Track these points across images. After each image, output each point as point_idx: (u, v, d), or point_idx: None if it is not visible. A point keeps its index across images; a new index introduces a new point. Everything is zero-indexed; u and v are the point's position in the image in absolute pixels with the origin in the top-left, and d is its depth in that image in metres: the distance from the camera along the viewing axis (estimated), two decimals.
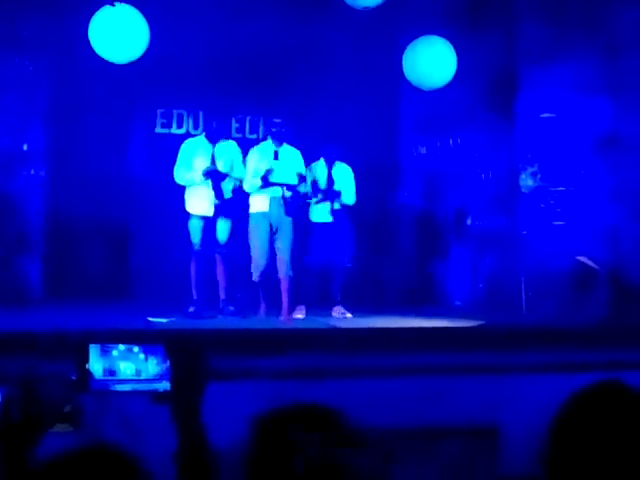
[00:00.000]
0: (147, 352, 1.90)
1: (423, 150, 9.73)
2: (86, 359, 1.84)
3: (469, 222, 9.11)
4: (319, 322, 6.96)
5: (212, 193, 7.11)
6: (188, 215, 7.24)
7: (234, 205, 7.31)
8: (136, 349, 1.89)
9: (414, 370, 5.29)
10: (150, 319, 6.45)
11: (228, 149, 7.37)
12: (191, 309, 7.06)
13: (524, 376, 5.36)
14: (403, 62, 7.82)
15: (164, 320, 6.50)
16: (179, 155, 7.34)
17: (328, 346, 5.62)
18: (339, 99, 9.14)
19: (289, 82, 8.99)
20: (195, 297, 7.13)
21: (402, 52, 7.87)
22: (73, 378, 3.11)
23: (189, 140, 7.54)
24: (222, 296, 7.23)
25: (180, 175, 7.25)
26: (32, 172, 8.47)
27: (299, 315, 7.26)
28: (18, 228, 8.44)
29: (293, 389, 4.82)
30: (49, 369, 4.18)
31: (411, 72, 7.82)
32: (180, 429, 1.81)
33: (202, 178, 7.10)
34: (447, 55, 7.72)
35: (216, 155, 7.21)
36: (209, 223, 7.19)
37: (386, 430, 4.47)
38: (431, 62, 7.66)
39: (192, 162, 7.27)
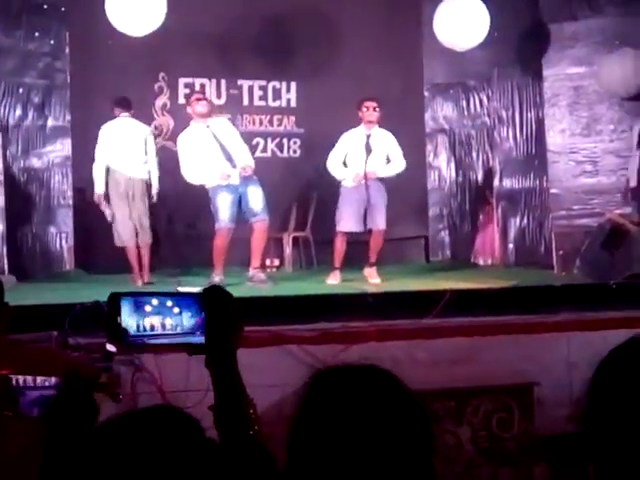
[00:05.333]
0: (181, 305, 1.89)
1: (449, 110, 9.62)
2: (118, 312, 1.82)
3: (497, 182, 9.02)
4: (351, 287, 6.92)
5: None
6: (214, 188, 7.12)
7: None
8: (170, 303, 1.87)
9: (447, 331, 5.27)
10: (179, 289, 6.42)
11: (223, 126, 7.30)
12: (217, 278, 6.99)
13: (556, 335, 5.32)
14: (434, 23, 7.67)
15: (194, 290, 6.47)
16: None
17: (360, 310, 5.60)
18: (361, 61, 9.05)
19: (309, 46, 8.92)
20: (220, 269, 7.06)
21: (425, 9, 7.73)
22: (107, 349, 3.10)
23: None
24: (254, 264, 7.15)
25: None
26: (58, 146, 8.49)
27: (333, 281, 7.22)
28: (46, 203, 8.48)
29: (325, 354, 4.81)
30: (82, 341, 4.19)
31: (444, 33, 7.66)
32: (216, 380, 1.79)
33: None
34: (481, 15, 7.56)
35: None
36: (237, 192, 7.07)
37: (423, 391, 4.45)
38: (465, 23, 7.50)
39: None
